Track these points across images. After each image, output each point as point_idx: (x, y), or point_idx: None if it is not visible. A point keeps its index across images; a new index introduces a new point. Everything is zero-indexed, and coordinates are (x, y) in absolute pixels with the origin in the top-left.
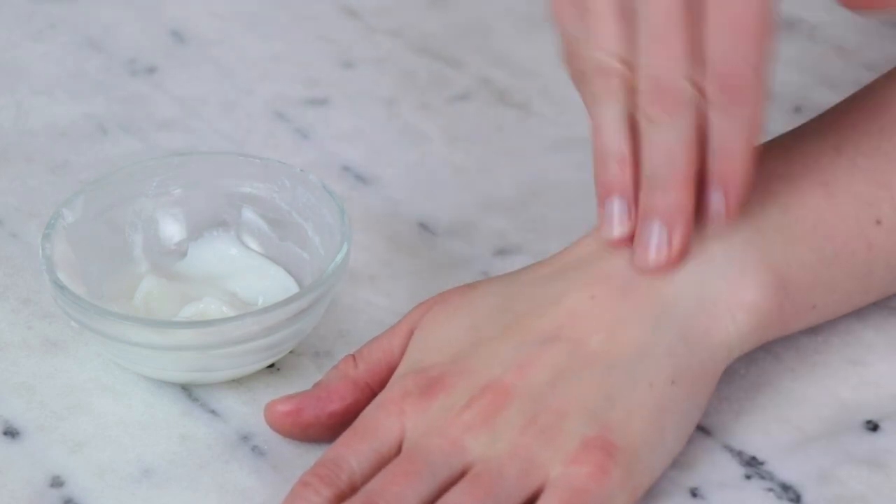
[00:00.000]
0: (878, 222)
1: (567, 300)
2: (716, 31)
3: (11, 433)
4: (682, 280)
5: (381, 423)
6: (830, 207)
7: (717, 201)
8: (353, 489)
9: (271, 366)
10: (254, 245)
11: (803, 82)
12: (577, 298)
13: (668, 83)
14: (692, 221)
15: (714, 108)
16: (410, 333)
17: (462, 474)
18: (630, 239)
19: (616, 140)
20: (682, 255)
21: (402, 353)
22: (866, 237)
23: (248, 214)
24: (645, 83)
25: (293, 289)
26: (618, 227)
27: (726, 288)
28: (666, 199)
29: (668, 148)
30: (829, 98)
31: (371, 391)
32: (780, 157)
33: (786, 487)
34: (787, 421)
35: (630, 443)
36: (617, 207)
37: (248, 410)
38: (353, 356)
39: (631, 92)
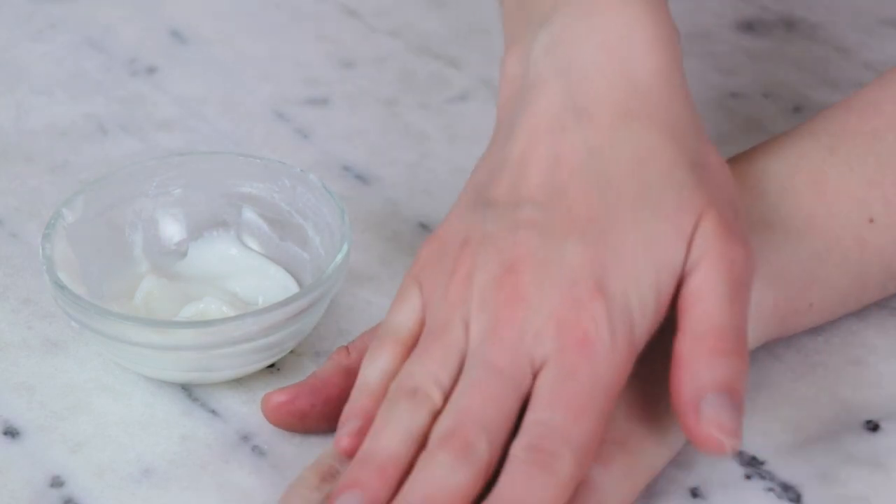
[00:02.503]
0: (871, 220)
1: None
2: (543, 400)
3: (11, 433)
4: None
5: None
6: (822, 206)
7: None
8: None
9: (271, 366)
10: (254, 245)
11: (803, 82)
12: None
13: (471, 428)
14: None
15: (513, 468)
16: None
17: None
18: None
19: (391, 448)
20: None
21: None
22: (859, 235)
23: (248, 214)
24: (450, 418)
25: (293, 289)
26: None
27: None
28: None
29: (438, 485)
30: (829, 98)
31: None
32: (774, 157)
33: (786, 487)
34: (788, 421)
35: (631, 436)
36: (353, 500)
37: (248, 410)
38: (347, 346)
39: (430, 416)
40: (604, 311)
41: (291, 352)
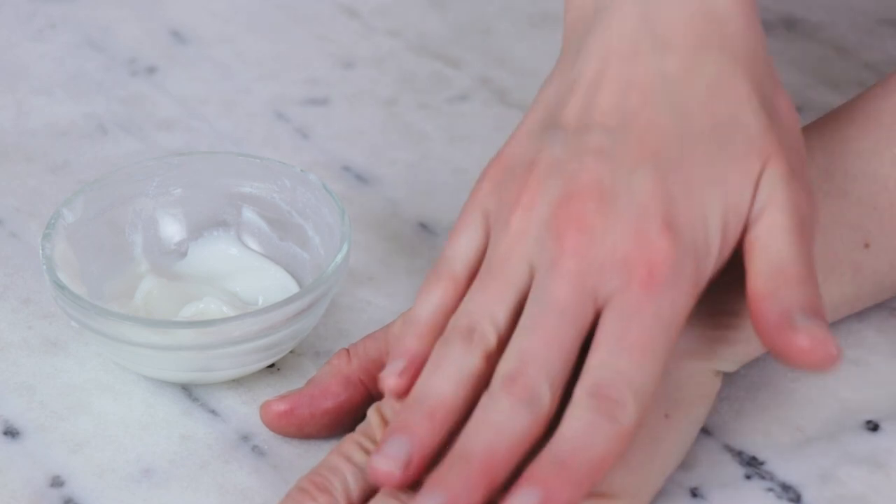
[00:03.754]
0: (867, 245)
1: None
2: (608, 341)
3: (11, 433)
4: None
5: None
6: (818, 237)
7: (526, 501)
8: (349, 498)
9: (271, 366)
10: (254, 245)
11: (803, 82)
12: None
13: (534, 372)
14: None
15: (577, 411)
16: None
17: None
18: (397, 482)
19: (447, 391)
20: None
21: None
22: (854, 261)
23: (248, 214)
24: (511, 360)
25: (293, 289)
26: (392, 465)
27: (720, 313)
28: (465, 478)
29: (500, 431)
30: (829, 98)
31: (364, 387)
32: None
33: (786, 487)
34: (788, 421)
35: (632, 467)
36: (403, 449)
37: (248, 410)
38: (347, 350)
39: (486, 358)
40: (672, 248)
41: (291, 352)
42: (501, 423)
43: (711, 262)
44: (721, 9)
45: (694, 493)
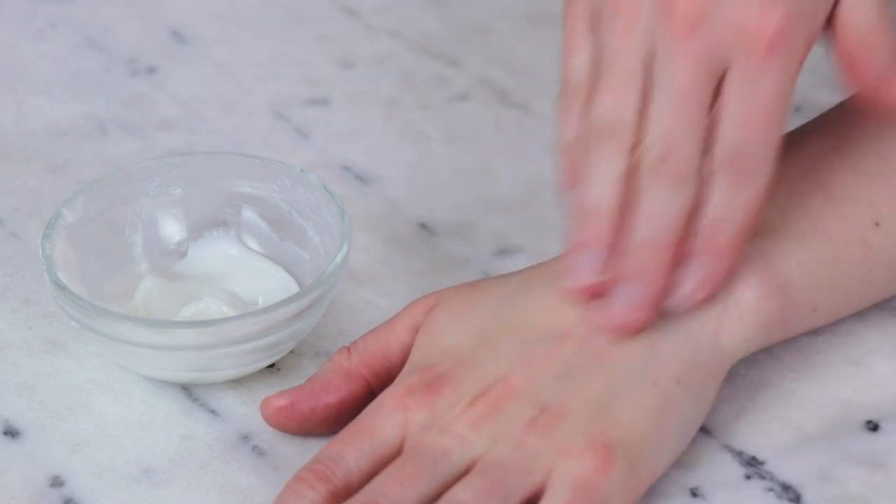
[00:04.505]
0: (877, 224)
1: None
2: (734, 113)
3: (11, 433)
4: None
5: (384, 420)
6: (830, 209)
7: (698, 271)
8: (348, 487)
9: (271, 366)
10: (254, 245)
11: (803, 82)
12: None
13: (677, 152)
14: (664, 294)
15: (719, 182)
16: (409, 328)
17: (465, 471)
18: (594, 293)
19: (609, 195)
20: (648, 325)
21: (399, 346)
22: (865, 239)
23: (248, 214)
24: (655, 148)
25: (293, 289)
26: (586, 277)
27: (729, 291)
28: (648, 265)
29: (664, 215)
30: (829, 98)
31: (365, 382)
32: (780, 159)
33: (786, 487)
34: (788, 421)
35: (632, 440)
36: (590, 259)
37: (248, 410)
38: (348, 348)
39: (632, 152)
40: (786, 12)
41: (291, 352)
42: (663, 207)
43: (815, 30)
44: None
45: (694, 493)
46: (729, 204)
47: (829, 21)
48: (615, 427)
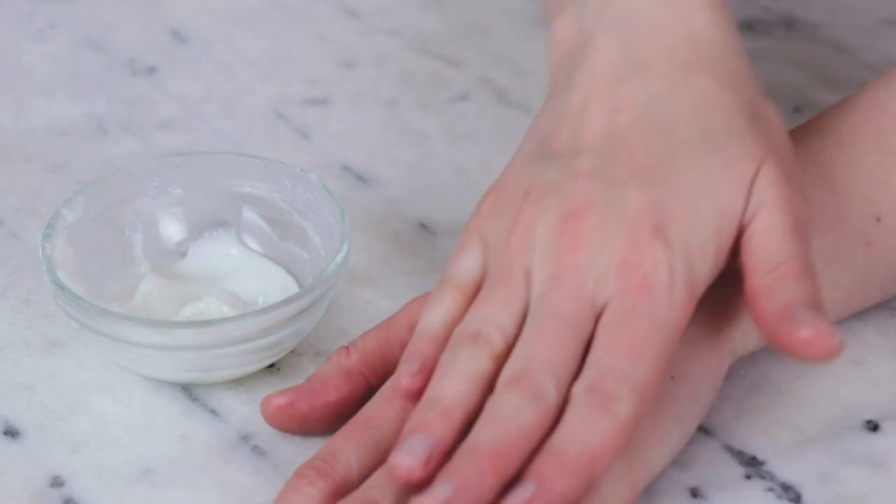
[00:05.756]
0: (878, 220)
1: None
2: (604, 341)
3: (11, 433)
4: None
5: (383, 414)
6: (833, 202)
7: (521, 493)
8: (349, 483)
9: (271, 366)
10: (254, 245)
11: (803, 82)
12: None
13: (539, 371)
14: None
15: (574, 408)
16: (409, 327)
17: None
18: (416, 481)
19: (456, 391)
20: None
21: (399, 344)
22: (866, 234)
23: (248, 214)
24: (517, 362)
25: (293, 289)
26: (411, 460)
27: (729, 287)
28: (474, 467)
29: (507, 425)
30: (829, 98)
31: (365, 380)
32: None
33: (786, 487)
34: (788, 421)
35: (631, 438)
36: (419, 443)
37: (248, 410)
38: (347, 347)
39: (493, 360)
40: (663, 254)
41: (291, 352)
42: (508, 417)
43: (708, 264)
44: (701, 33)
45: (694, 493)
46: (578, 432)
47: (738, 246)
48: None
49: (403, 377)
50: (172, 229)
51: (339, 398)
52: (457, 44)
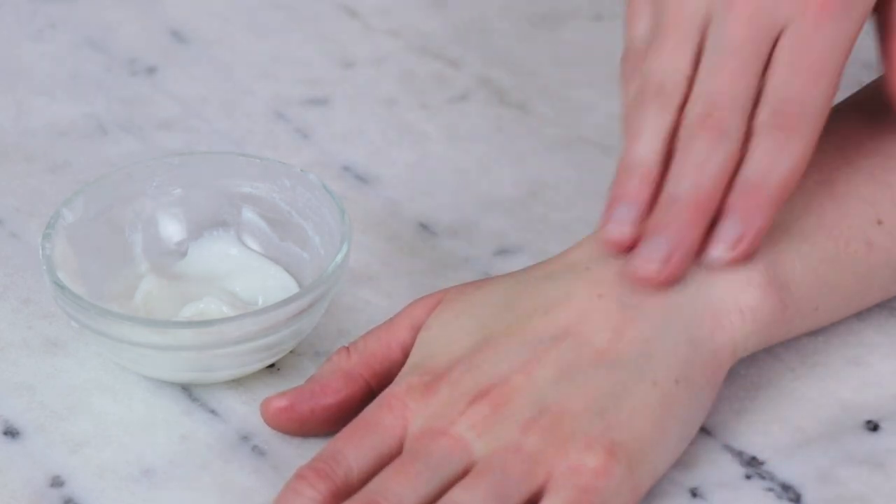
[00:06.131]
0: (880, 222)
1: (574, 298)
2: (784, 66)
3: (11, 433)
4: (687, 281)
5: (383, 419)
6: (833, 206)
7: (729, 232)
8: (349, 485)
9: (271, 366)
10: (254, 245)
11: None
12: (585, 296)
13: (722, 107)
14: (696, 249)
15: (761, 138)
16: (409, 328)
17: (464, 472)
18: (627, 246)
19: (651, 151)
20: (676, 278)
21: (400, 346)
22: (867, 237)
23: (248, 214)
24: (700, 103)
25: (293, 289)
26: (620, 229)
27: (730, 289)
28: (680, 218)
29: (702, 169)
30: None
31: (365, 382)
32: None
33: (786, 487)
34: (787, 421)
35: (633, 441)
36: (625, 211)
37: (248, 410)
38: (347, 348)
39: (680, 110)
40: None
41: (291, 352)
42: (702, 161)
43: None
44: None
45: (694, 493)
46: (769, 161)
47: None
48: (615, 428)
49: (616, 225)
50: (172, 229)
51: (339, 401)
52: (457, 44)
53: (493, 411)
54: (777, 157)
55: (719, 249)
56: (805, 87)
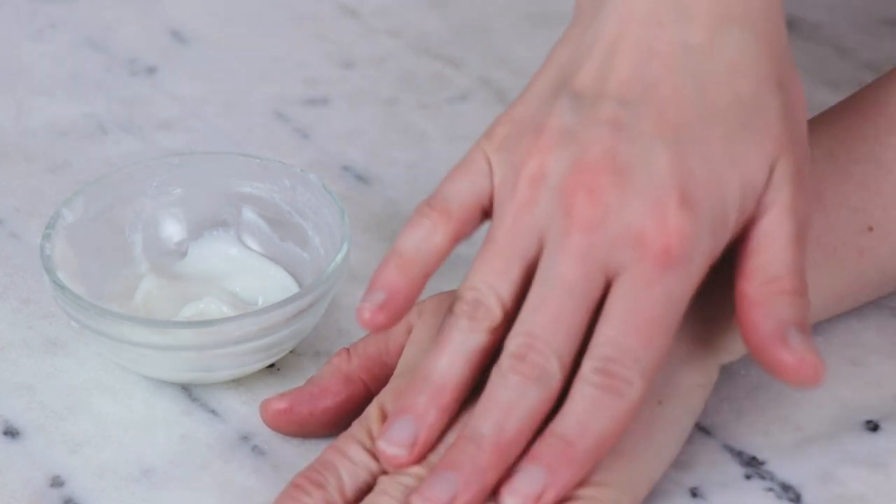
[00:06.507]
0: (870, 229)
1: None
2: (615, 321)
3: (11, 433)
4: None
5: (377, 425)
6: (821, 217)
7: (532, 484)
8: (343, 493)
9: (271, 366)
10: (254, 245)
11: (803, 82)
12: None
13: (541, 352)
14: (488, 492)
15: (583, 389)
16: (409, 331)
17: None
18: (405, 464)
19: (449, 371)
20: None
21: (398, 350)
22: (857, 244)
23: (248, 214)
24: (518, 340)
25: (293, 289)
26: (397, 451)
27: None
28: (477, 461)
29: (509, 411)
30: (829, 98)
31: (364, 385)
32: None
33: (786, 487)
34: (787, 421)
35: (619, 465)
36: (406, 429)
37: (248, 410)
38: (348, 350)
39: (495, 332)
40: (690, 227)
41: (291, 352)
42: (511, 401)
43: (727, 237)
44: None
45: (694, 493)
46: (586, 418)
47: (740, 244)
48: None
49: (364, 308)
50: (172, 229)
51: (338, 403)
52: (457, 44)
53: None
54: (595, 414)
55: (514, 501)
56: (635, 347)
